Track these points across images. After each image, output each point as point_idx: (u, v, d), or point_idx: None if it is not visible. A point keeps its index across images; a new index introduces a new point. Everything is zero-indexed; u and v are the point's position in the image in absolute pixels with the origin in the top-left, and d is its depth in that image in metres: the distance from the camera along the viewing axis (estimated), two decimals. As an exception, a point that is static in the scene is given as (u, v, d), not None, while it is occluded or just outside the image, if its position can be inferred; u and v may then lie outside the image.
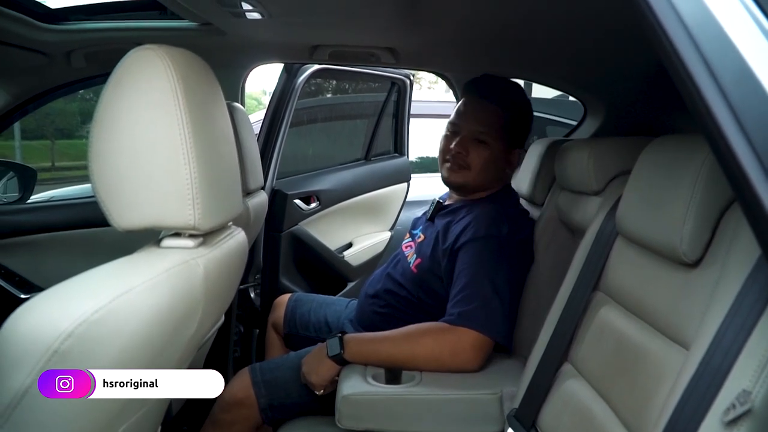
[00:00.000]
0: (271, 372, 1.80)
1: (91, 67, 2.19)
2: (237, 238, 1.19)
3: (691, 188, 0.95)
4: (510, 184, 2.02)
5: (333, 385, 1.66)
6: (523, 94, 1.96)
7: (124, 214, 0.93)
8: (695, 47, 0.66)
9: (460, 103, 1.95)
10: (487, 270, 1.68)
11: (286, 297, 2.33)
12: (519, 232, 1.80)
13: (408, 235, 2.10)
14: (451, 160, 1.90)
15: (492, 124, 1.86)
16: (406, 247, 2.02)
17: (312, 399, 1.72)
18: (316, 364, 1.68)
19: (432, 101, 4.82)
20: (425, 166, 5.03)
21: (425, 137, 4.43)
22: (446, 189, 2.08)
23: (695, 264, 0.98)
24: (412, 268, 1.88)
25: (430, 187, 3.26)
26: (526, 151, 1.97)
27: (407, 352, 1.63)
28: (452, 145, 1.89)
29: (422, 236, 1.96)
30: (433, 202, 2.07)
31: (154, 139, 0.91)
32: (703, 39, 0.67)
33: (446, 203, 2.01)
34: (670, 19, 0.68)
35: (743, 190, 0.65)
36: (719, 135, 0.65)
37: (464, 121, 1.90)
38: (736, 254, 0.89)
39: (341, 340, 1.67)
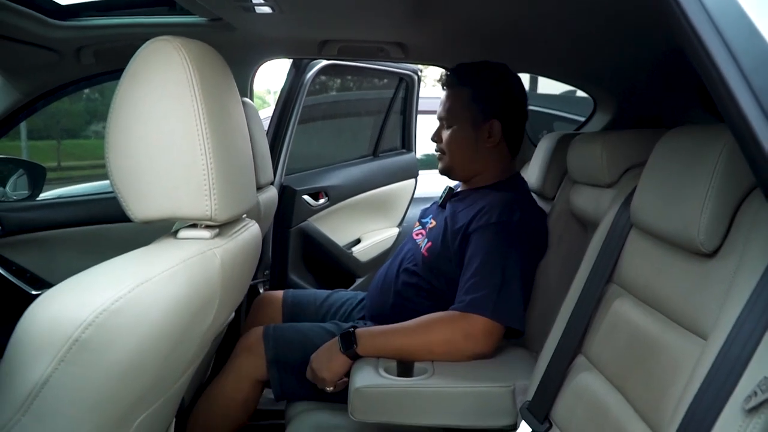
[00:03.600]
0: (282, 330, 1.85)
1: (100, 65, 2.20)
2: (251, 230, 1.19)
3: (709, 177, 0.95)
4: (519, 173, 2.03)
5: (344, 382, 1.66)
6: (493, 70, 1.96)
7: (141, 205, 0.93)
8: (717, 32, 0.66)
9: None
10: (498, 256, 1.69)
11: (270, 295, 2.32)
12: (531, 220, 1.82)
13: (417, 224, 2.11)
14: (436, 150, 2.04)
15: (454, 105, 1.96)
16: (417, 235, 2.04)
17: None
18: (326, 360, 1.68)
19: (439, 98, 4.80)
20: (431, 162, 5.03)
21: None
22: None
23: (712, 254, 0.97)
24: (423, 251, 1.90)
25: (436, 184, 3.26)
26: (510, 123, 1.97)
27: (420, 342, 1.64)
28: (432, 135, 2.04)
29: (433, 222, 1.99)
30: (445, 189, 2.11)
31: (170, 130, 0.92)
32: (725, 24, 0.66)
33: (458, 190, 2.06)
34: (691, 4, 0.67)
35: (766, 175, 0.65)
36: (741, 120, 0.65)
37: (438, 111, 2.03)
38: (755, 243, 0.88)
39: (354, 335, 1.67)
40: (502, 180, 1.96)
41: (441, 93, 2.03)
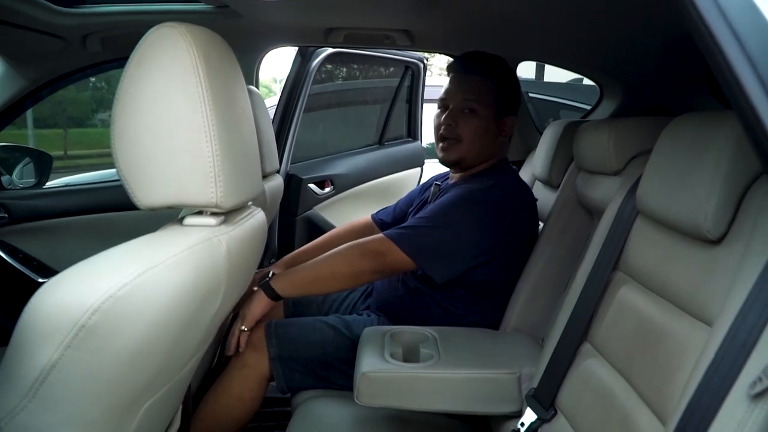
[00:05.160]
0: (284, 326, 1.84)
1: (107, 52, 2.20)
2: (257, 218, 1.19)
3: (716, 164, 0.95)
4: (507, 158, 2.02)
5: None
6: (506, 65, 1.98)
7: (147, 192, 0.93)
8: (724, 18, 0.66)
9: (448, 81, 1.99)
10: (444, 211, 1.78)
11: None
12: (507, 199, 1.82)
13: None
14: (444, 137, 1.92)
15: (479, 92, 1.89)
16: None
17: (318, 356, 1.79)
18: (251, 301, 1.73)
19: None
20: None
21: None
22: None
23: (718, 241, 0.97)
24: None
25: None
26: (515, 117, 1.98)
27: (328, 268, 1.74)
28: (442, 119, 1.93)
29: None
30: (430, 184, 2.15)
31: (176, 116, 0.91)
32: (732, 10, 0.66)
33: (449, 183, 2.05)
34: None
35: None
36: (748, 106, 0.64)
37: (452, 95, 1.93)
38: (761, 230, 0.88)
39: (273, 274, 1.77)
40: (490, 165, 1.96)
41: (452, 77, 1.97)
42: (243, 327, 1.72)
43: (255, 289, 1.75)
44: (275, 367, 1.77)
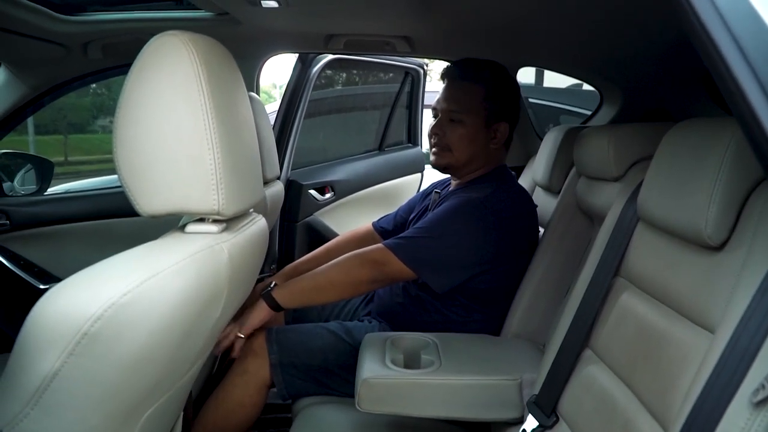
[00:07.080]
0: (284, 333, 1.85)
1: (108, 59, 2.20)
2: (259, 225, 1.20)
3: (717, 170, 0.95)
4: (505, 165, 2.02)
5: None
6: (500, 70, 1.97)
7: (149, 200, 0.93)
8: (726, 27, 0.66)
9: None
10: (443, 220, 1.78)
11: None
12: (505, 203, 1.82)
13: None
14: (434, 145, 1.96)
15: (466, 101, 1.90)
16: None
17: (319, 362, 1.79)
18: (251, 310, 1.75)
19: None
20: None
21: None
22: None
23: (720, 247, 0.97)
24: None
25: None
26: (513, 125, 1.98)
27: (326, 277, 1.76)
28: (431, 129, 1.96)
29: None
30: (430, 191, 2.16)
31: (178, 124, 0.92)
32: (733, 19, 0.66)
33: (448, 191, 2.04)
34: (700, 0, 0.67)
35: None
36: (749, 113, 0.64)
37: (441, 104, 1.94)
38: (762, 236, 0.88)
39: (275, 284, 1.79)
40: (487, 171, 1.96)
41: (445, 84, 1.98)
42: (240, 334, 1.72)
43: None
44: (276, 373, 1.77)
